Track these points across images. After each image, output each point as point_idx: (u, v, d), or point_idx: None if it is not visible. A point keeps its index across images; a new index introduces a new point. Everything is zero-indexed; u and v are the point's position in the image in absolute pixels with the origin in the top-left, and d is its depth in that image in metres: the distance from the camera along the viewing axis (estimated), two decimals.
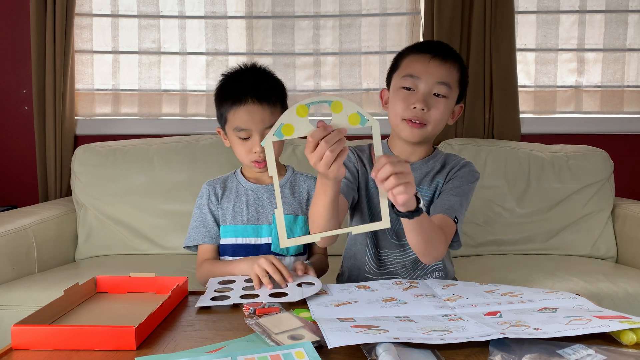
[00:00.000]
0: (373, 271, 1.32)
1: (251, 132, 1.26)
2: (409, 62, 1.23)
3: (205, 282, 1.27)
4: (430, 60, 1.20)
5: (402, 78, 1.22)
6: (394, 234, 1.29)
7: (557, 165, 2.06)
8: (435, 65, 1.20)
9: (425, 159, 1.29)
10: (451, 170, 1.28)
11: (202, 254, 1.32)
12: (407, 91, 1.21)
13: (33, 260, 1.78)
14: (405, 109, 1.20)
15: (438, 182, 1.27)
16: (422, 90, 1.20)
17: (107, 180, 2.05)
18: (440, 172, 1.28)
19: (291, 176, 1.37)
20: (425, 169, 1.28)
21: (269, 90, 1.28)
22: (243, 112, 1.25)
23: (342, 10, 2.35)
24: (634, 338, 0.79)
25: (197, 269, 1.32)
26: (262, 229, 1.31)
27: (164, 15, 2.36)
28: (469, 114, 2.24)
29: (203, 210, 1.33)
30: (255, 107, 1.24)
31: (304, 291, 1.04)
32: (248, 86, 1.26)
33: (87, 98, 2.38)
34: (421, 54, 1.22)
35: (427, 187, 1.27)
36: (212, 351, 0.77)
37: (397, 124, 1.23)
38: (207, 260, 1.30)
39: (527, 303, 0.96)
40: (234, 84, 1.29)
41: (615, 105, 2.36)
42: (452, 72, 1.22)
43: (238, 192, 1.34)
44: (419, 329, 0.82)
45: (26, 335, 0.80)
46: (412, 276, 1.30)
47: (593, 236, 2.02)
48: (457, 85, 1.24)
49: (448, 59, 1.22)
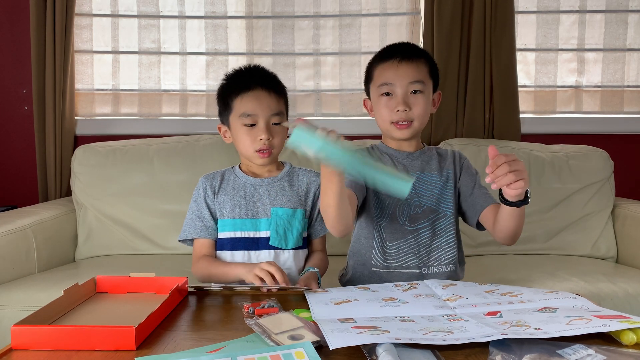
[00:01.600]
0: (380, 264, 1.31)
1: (257, 119, 1.28)
2: (381, 71, 1.32)
3: (201, 277, 1.28)
4: (399, 64, 1.29)
5: (378, 87, 1.32)
6: (407, 220, 1.32)
7: (557, 165, 2.06)
8: (404, 67, 1.29)
9: (422, 150, 1.38)
10: (455, 162, 1.37)
11: (199, 249, 1.32)
12: (386, 97, 1.30)
13: (33, 260, 1.78)
14: (390, 114, 1.30)
15: (449, 172, 1.35)
16: (399, 94, 1.29)
17: (107, 180, 2.05)
18: (442, 161, 1.37)
19: (289, 170, 1.38)
20: (425, 157, 1.37)
21: (275, 81, 1.34)
22: (250, 98, 1.28)
23: (342, 10, 2.35)
24: (634, 338, 0.79)
25: (193, 263, 1.32)
26: (260, 223, 1.31)
27: (164, 15, 2.36)
28: (469, 114, 2.24)
29: (199, 204, 1.34)
30: (263, 93, 1.29)
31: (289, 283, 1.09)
32: (255, 76, 1.31)
33: (87, 98, 2.38)
34: (389, 60, 1.31)
35: (438, 174, 1.35)
36: (212, 351, 0.77)
37: (387, 128, 1.33)
38: (205, 257, 1.30)
39: (527, 303, 0.96)
40: (239, 78, 1.33)
41: (615, 105, 2.36)
42: (421, 69, 1.31)
43: (236, 186, 1.34)
44: (420, 329, 0.82)
45: (26, 335, 0.80)
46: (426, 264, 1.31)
47: (593, 236, 2.02)
48: (429, 77, 1.33)
49: (414, 58, 1.31)
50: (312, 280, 1.21)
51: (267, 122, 1.27)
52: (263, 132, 1.27)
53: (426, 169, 1.34)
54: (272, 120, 1.29)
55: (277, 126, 1.30)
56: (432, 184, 1.33)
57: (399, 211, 1.31)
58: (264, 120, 1.27)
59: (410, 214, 1.31)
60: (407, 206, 1.31)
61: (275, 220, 1.30)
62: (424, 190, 1.33)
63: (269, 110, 1.28)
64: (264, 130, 1.27)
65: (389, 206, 1.32)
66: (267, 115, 1.28)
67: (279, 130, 1.31)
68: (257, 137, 1.27)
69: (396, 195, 1.00)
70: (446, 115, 2.23)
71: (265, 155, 1.29)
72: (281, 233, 1.30)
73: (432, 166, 1.35)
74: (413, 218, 1.31)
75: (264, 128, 1.27)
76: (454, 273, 1.33)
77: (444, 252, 1.32)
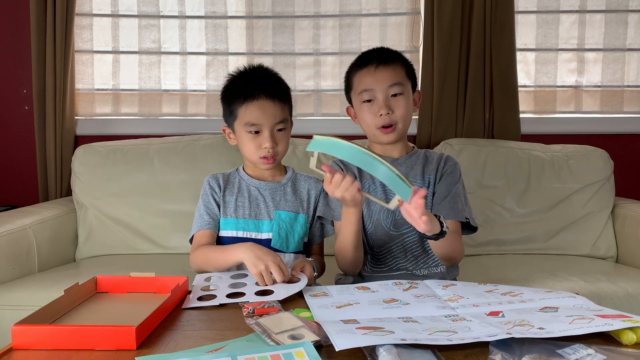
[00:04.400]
0: (371, 269, 1.34)
1: (261, 127, 1.28)
2: (359, 78, 1.35)
3: (197, 268, 1.27)
4: (375, 70, 1.32)
5: (359, 95, 1.34)
6: (391, 225, 1.34)
7: (557, 165, 2.06)
8: (381, 72, 1.32)
9: (408, 155, 1.39)
10: (438, 166, 1.37)
11: (199, 239, 1.30)
12: (368, 103, 1.33)
13: (33, 260, 1.79)
14: (374, 119, 1.32)
15: (430, 177, 1.36)
16: (380, 98, 1.31)
17: (107, 180, 2.05)
18: (427, 166, 1.38)
19: (292, 176, 1.39)
20: (410, 163, 1.38)
21: (280, 87, 1.33)
22: (255, 107, 1.28)
23: (342, 10, 2.35)
24: (634, 338, 0.79)
25: (192, 253, 1.29)
26: (263, 224, 1.31)
27: (164, 15, 2.36)
28: (469, 114, 2.24)
29: (206, 200, 1.34)
30: (267, 103, 1.28)
31: (290, 289, 1.06)
32: (259, 83, 1.30)
33: (87, 98, 2.38)
34: (366, 67, 1.33)
35: (421, 180, 1.36)
36: (212, 351, 0.77)
37: (373, 134, 1.35)
38: (202, 245, 1.28)
39: (527, 303, 0.96)
40: (244, 82, 1.32)
41: (615, 105, 2.36)
42: (397, 71, 1.33)
43: (240, 187, 1.35)
44: (424, 329, 0.82)
45: (26, 335, 0.80)
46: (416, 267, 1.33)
47: (593, 236, 2.02)
48: (406, 79, 1.35)
49: (390, 62, 1.33)
50: (306, 263, 1.20)
51: (271, 130, 1.28)
52: (267, 141, 1.27)
53: (410, 175, 1.35)
54: (277, 127, 1.30)
55: (281, 132, 1.31)
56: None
57: (383, 217, 1.34)
58: (268, 129, 1.28)
59: (395, 219, 1.34)
60: (392, 212, 1.33)
61: (278, 223, 1.31)
62: None
63: (273, 119, 1.28)
64: (268, 139, 1.27)
65: (374, 212, 1.35)
66: (272, 124, 1.28)
67: (283, 136, 1.31)
68: (261, 145, 1.28)
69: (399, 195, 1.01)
70: (446, 115, 2.23)
71: (270, 162, 1.30)
72: (283, 236, 1.30)
73: (415, 171, 1.36)
74: (398, 223, 1.34)
75: (268, 137, 1.28)
76: (446, 274, 1.34)
77: (431, 255, 1.34)
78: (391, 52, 1.37)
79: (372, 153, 1.00)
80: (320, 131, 1.12)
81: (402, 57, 1.37)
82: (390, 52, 1.36)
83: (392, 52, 1.37)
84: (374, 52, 1.37)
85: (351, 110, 1.42)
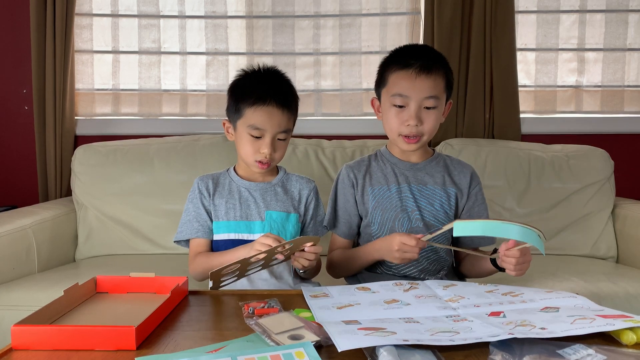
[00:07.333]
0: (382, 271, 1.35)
1: (264, 133, 1.27)
2: (396, 79, 1.27)
3: (199, 275, 1.27)
4: (416, 77, 1.24)
5: (391, 96, 1.27)
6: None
7: (557, 165, 2.06)
8: (421, 81, 1.24)
9: (428, 160, 1.36)
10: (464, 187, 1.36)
11: (195, 248, 1.32)
12: (398, 108, 1.27)
13: (33, 260, 1.78)
14: (400, 126, 1.27)
15: (452, 191, 1.34)
16: (413, 108, 1.25)
17: (107, 180, 2.05)
18: (448, 176, 1.35)
19: (283, 176, 1.39)
20: (430, 169, 1.36)
21: (291, 96, 1.31)
22: (263, 112, 1.26)
23: (342, 10, 2.35)
24: (634, 338, 0.79)
25: (190, 263, 1.31)
26: (254, 225, 1.31)
27: (164, 15, 2.36)
28: (469, 114, 2.24)
29: (196, 205, 1.33)
30: (276, 111, 1.26)
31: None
32: (273, 88, 1.28)
33: (87, 98, 2.38)
34: (406, 69, 1.25)
35: (441, 189, 1.33)
36: (212, 351, 0.76)
37: (394, 138, 1.31)
38: (202, 253, 1.29)
39: (528, 303, 0.96)
40: (257, 83, 1.30)
41: (615, 105, 2.36)
42: (438, 83, 1.26)
43: (231, 189, 1.35)
44: (426, 330, 0.82)
45: (26, 335, 0.80)
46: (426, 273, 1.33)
47: (593, 236, 2.02)
48: (444, 91, 1.29)
49: (432, 71, 1.25)
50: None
51: (273, 137, 1.27)
52: (267, 147, 1.27)
53: (429, 183, 1.33)
54: (279, 136, 1.29)
55: (282, 141, 1.30)
56: (433, 198, 1.33)
57: (398, 225, 1.31)
58: (270, 136, 1.27)
59: (411, 226, 1.31)
60: (408, 219, 1.31)
61: (269, 224, 1.30)
62: (424, 204, 1.32)
63: (277, 127, 1.27)
64: (268, 145, 1.27)
65: (388, 221, 1.32)
66: (275, 132, 1.27)
67: (283, 145, 1.31)
68: (259, 149, 1.27)
69: (533, 244, 1.09)
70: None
71: (264, 167, 1.30)
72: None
73: (436, 179, 1.33)
74: (412, 231, 1.29)
75: (268, 143, 1.27)
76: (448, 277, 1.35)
77: (442, 262, 1.35)
78: (437, 57, 1.28)
79: (502, 220, 1.07)
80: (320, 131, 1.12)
81: (446, 66, 1.29)
82: (436, 58, 1.28)
83: (438, 58, 1.28)
84: (419, 53, 1.28)
85: (376, 103, 1.35)
